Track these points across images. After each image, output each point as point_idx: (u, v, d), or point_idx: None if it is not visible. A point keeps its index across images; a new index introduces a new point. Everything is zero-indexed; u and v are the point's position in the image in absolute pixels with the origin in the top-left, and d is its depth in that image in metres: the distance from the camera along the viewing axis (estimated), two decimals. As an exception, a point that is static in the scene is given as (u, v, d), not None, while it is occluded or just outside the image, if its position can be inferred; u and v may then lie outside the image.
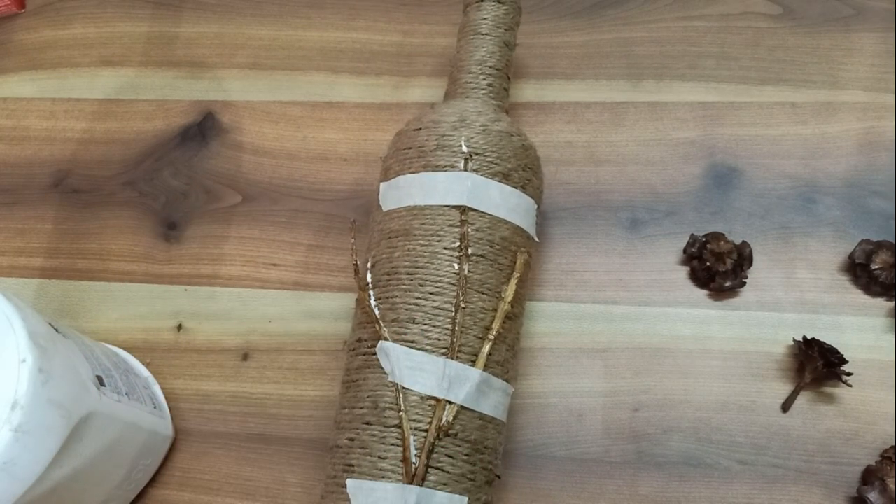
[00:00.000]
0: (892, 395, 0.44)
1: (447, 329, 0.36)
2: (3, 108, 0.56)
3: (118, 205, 0.53)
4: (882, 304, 0.46)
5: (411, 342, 0.36)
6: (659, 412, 0.44)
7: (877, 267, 0.45)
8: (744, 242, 0.46)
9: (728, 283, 0.46)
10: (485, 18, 0.44)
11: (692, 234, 0.47)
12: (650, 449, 0.44)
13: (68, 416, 0.33)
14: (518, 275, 0.39)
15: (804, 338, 0.43)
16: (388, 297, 0.38)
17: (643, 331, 0.46)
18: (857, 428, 0.43)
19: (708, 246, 0.46)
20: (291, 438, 0.46)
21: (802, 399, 0.44)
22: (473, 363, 0.36)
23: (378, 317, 0.38)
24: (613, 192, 0.49)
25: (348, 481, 0.35)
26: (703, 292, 0.47)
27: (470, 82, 0.43)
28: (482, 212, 0.38)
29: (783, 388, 0.44)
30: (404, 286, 0.38)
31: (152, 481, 0.45)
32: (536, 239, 0.41)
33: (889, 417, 0.43)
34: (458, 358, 0.36)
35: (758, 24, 0.53)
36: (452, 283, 0.37)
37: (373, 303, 0.38)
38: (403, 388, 0.36)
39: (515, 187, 0.39)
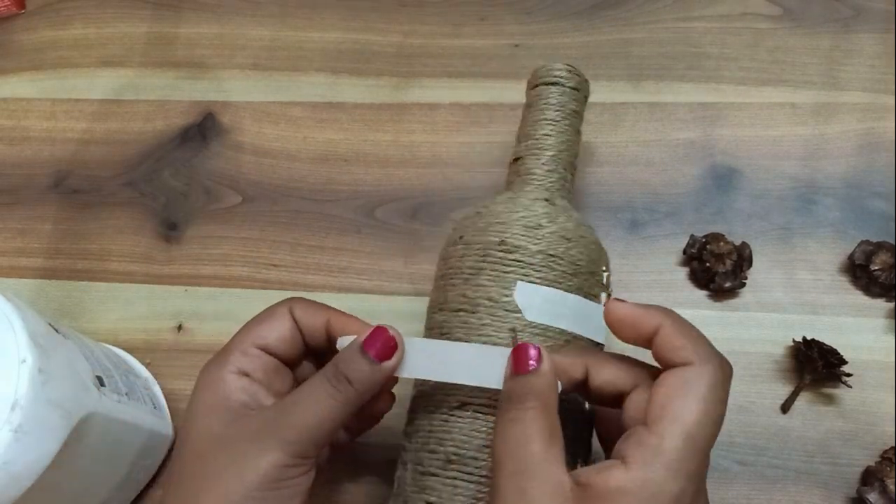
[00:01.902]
0: (892, 396, 0.44)
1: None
2: (3, 108, 0.56)
3: (118, 205, 0.53)
4: (882, 304, 0.46)
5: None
6: (659, 413, 0.44)
7: (876, 268, 0.45)
8: (743, 243, 0.46)
9: (728, 284, 0.46)
10: (573, 109, 0.41)
11: (692, 235, 0.47)
12: (650, 449, 0.44)
13: (68, 417, 0.33)
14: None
15: (804, 339, 0.43)
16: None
17: (643, 331, 0.46)
18: (857, 429, 0.43)
19: (708, 247, 0.46)
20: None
21: (802, 400, 0.44)
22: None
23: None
24: (613, 192, 0.49)
25: None
26: (703, 293, 0.47)
27: (562, 182, 0.40)
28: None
29: (783, 389, 0.44)
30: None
31: (152, 481, 0.45)
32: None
33: (889, 418, 0.43)
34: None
35: (757, 25, 0.53)
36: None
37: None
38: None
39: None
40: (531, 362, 0.30)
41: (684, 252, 0.47)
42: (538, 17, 0.54)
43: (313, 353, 0.37)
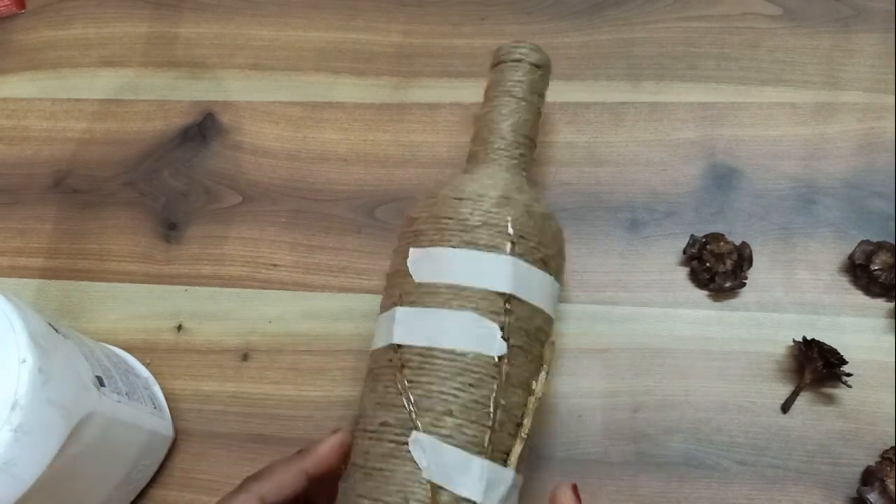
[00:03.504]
0: (892, 396, 0.44)
1: (484, 426, 0.34)
2: (3, 108, 0.56)
3: (118, 205, 0.53)
4: (882, 304, 0.46)
5: (448, 437, 0.33)
6: (659, 413, 0.44)
7: (877, 268, 0.45)
8: (744, 243, 0.47)
9: (728, 284, 0.46)
10: (521, 81, 0.41)
11: (692, 235, 0.47)
12: (650, 449, 0.44)
13: (68, 416, 0.33)
14: (547, 367, 0.36)
15: (804, 338, 0.43)
16: (422, 383, 0.34)
17: (643, 331, 0.46)
18: (857, 428, 0.43)
19: (708, 246, 0.46)
20: (291, 439, 0.46)
21: (802, 400, 0.44)
22: (505, 462, 0.34)
23: (413, 403, 0.34)
24: (613, 192, 0.49)
25: None
26: (703, 293, 0.47)
27: (503, 149, 0.40)
28: (523, 300, 0.36)
29: (783, 389, 0.44)
30: (442, 373, 0.34)
31: (152, 481, 0.45)
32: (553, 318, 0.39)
33: (889, 418, 0.43)
34: (494, 458, 0.34)
35: (758, 25, 0.53)
36: (491, 376, 0.34)
37: (407, 387, 0.35)
38: (438, 486, 0.33)
39: (551, 275, 0.37)
40: None
41: (684, 252, 0.47)
42: (538, 17, 0.54)
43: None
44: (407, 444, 0.33)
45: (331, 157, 0.52)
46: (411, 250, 0.37)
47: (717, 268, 0.46)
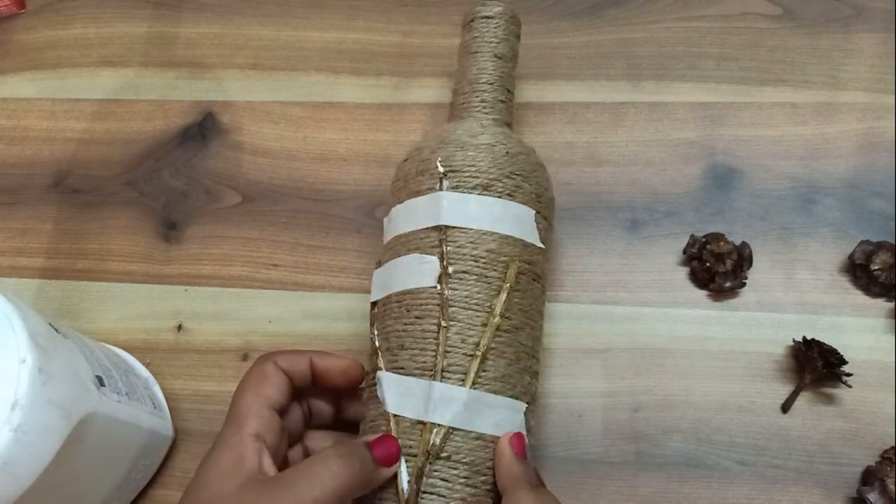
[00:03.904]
0: (892, 396, 0.44)
1: (434, 351, 0.36)
2: (3, 108, 0.56)
3: (118, 205, 0.53)
4: (882, 304, 0.46)
5: (401, 368, 0.36)
6: (659, 413, 0.44)
7: (877, 268, 0.45)
8: (744, 243, 0.47)
9: (728, 284, 0.46)
10: (475, 37, 0.43)
11: (692, 235, 0.47)
12: (650, 449, 0.44)
13: (68, 416, 0.33)
14: (508, 285, 0.37)
15: (804, 338, 0.43)
16: (383, 327, 0.38)
17: (643, 331, 0.46)
18: (857, 428, 0.43)
19: (708, 246, 0.46)
20: (291, 439, 0.46)
21: (802, 400, 0.44)
22: (463, 382, 0.36)
23: (377, 347, 0.38)
24: (613, 192, 0.49)
25: None
26: (703, 293, 0.47)
27: (463, 103, 0.43)
28: (463, 228, 0.37)
29: (783, 389, 0.44)
30: (395, 314, 0.38)
31: (152, 481, 0.45)
32: (540, 244, 0.39)
33: (889, 418, 0.43)
34: (445, 379, 0.35)
35: (758, 25, 0.53)
36: (438, 304, 0.36)
37: (375, 335, 0.39)
38: (395, 415, 0.35)
39: (500, 196, 0.38)
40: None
41: (684, 252, 0.47)
42: (538, 17, 0.54)
43: (296, 397, 0.39)
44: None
45: (331, 157, 0.52)
46: (384, 220, 0.42)
47: (717, 268, 0.46)
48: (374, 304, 0.40)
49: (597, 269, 0.48)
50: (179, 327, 0.49)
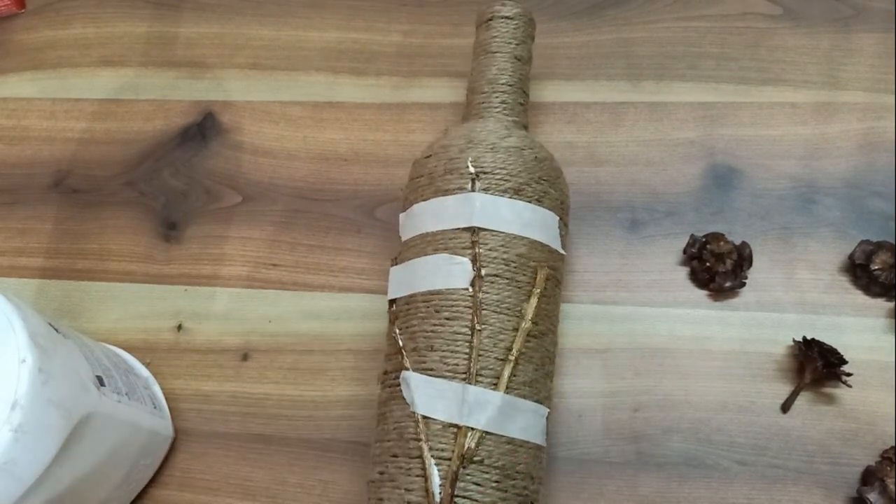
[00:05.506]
0: (892, 396, 0.44)
1: (465, 354, 0.35)
2: (3, 108, 0.56)
3: (118, 205, 0.53)
4: (882, 304, 0.46)
5: (430, 370, 0.36)
6: (659, 412, 0.44)
7: (877, 267, 0.45)
8: (744, 243, 0.47)
9: (728, 284, 0.46)
10: (494, 37, 0.43)
11: (692, 235, 0.47)
12: (650, 449, 0.44)
13: (68, 416, 0.33)
14: (539, 290, 0.37)
15: (804, 338, 0.43)
16: (408, 327, 0.38)
17: (643, 331, 0.46)
18: (857, 428, 0.43)
19: (708, 246, 0.46)
20: (291, 438, 0.46)
21: (802, 399, 0.44)
22: (496, 386, 0.36)
23: (401, 347, 0.37)
24: (613, 192, 0.49)
25: None
26: (703, 293, 0.47)
27: (482, 102, 0.42)
28: (495, 231, 0.37)
29: (783, 389, 0.44)
30: (422, 314, 0.37)
31: (152, 481, 0.45)
32: (562, 251, 0.40)
33: (889, 418, 0.43)
34: (478, 382, 0.35)
35: (758, 25, 0.53)
36: (469, 307, 0.36)
37: (398, 334, 0.38)
38: (425, 417, 0.35)
39: (529, 201, 0.38)
40: None
41: (684, 252, 0.47)
42: (538, 17, 0.54)
43: None
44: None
45: (331, 157, 0.52)
46: (400, 216, 0.41)
47: (717, 268, 0.46)
48: (391, 301, 0.40)
49: (597, 269, 0.48)
50: (179, 327, 0.49)
